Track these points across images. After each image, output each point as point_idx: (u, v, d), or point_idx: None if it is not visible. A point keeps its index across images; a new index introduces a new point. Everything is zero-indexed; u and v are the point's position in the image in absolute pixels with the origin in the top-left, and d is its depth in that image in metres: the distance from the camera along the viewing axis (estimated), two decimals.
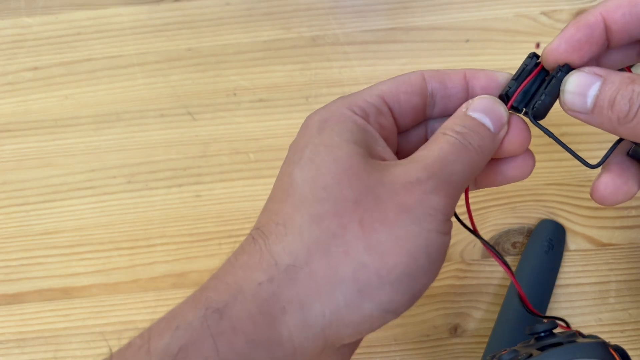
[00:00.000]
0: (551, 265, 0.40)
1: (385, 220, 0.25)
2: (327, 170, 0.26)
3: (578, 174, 0.43)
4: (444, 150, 0.27)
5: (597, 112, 0.27)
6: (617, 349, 0.28)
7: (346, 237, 0.24)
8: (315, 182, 0.25)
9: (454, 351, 0.39)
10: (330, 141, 0.27)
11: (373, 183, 0.25)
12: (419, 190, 0.25)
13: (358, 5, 0.51)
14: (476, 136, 0.27)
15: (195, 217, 0.43)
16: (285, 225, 0.25)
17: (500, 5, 0.50)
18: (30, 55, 0.50)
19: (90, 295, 0.41)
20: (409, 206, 0.25)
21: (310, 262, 0.24)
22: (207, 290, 0.25)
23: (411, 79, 0.29)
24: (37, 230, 0.44)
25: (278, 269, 0.24)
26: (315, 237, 0.24)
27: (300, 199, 0.25)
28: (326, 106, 0.29)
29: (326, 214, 0.25)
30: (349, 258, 0.24)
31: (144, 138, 0.46)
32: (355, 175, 0.25)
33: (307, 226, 0.25)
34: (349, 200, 0.25)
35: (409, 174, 0.26)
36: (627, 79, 0.26)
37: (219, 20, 0.51)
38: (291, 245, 0.25)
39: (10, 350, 0.40)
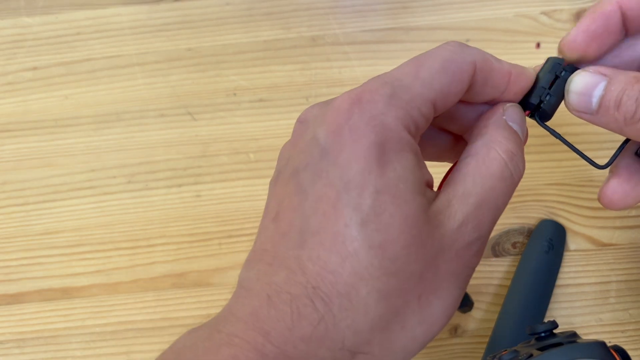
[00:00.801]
0: (551, 265, 0.40)
1: (439, 292, 0.25)
2: (396, 236, 0.23)
3: (578, 174, 0.43)
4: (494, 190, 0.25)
5: (602, 113, 0.26)
6: (617, 349, 0.28)
7: (406, 313, 0.24)
8: (385, 251, 0.22)
9: (454, 351, 0.39)
10: (396, 191, 0.23)
11: (435, 251, 0.24)
12: (468, 255, 0.25)
13: (358, 5, 0.51)
14: (518, 160, 0.26)
15: (195, 217, 0.43)
16: (350, 297, 0.22)
17: (500, 5, 0.50)
18: (30, 55, 0.50)
19: (90, 295, 0.41)
20: (458, 273, 0.25)
21: (372, 341, 0.24)
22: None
23: (463, 75, 0.26)
24: (37, 230, 0.43)
25: (343, 352, 0.23)
26: (380, 316, 0.23)
27: (366, 267, 0.22)
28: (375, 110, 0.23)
29: (393, 290, 0.23)
30: (404, 333, 0.24)
31: (144, 138, 0.46)
32: (422, 243, 0.23)
33: (373, 303, 0.23)
34: (414, 275, 0.24)
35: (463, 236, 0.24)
36: (633, 78, 0.26)
37: (219, 20, 0.51)
38: (357, 324, 0.23)
39: (10, 351, 0.40)
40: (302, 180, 0.24)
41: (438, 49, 0.26)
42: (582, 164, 0.42)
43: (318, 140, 0.24)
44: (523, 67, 0.28)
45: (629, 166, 0.29)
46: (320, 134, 0.24)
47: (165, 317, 0.41)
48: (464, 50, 0.26)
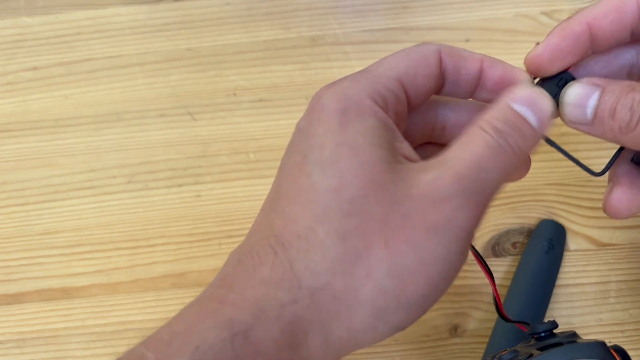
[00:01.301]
0: (551, 265, 0.40)
1: (411, 242, 0.23)
2: (352, 179, 0.24)
3: (578, 174, 0.43)
4: (479, 154, 0.24)
5: (598, 123, 0.26)
6: (617, 349, 0.28)
7: (370, 259, 0.23)
8: (341, 193, 0.24)
9: (454, 351, 0.39)
10: (354, 142, 0.24)
11: (401, 197, 0.24)
12: (449, 208, 0.24)
13: (358, 5, 0.51)
14: (517, 135, 0.25)
15: (195, 217, 0.43)
16: (308, 239, 0.23)
17: (500, 5, 0.50)
18: (30, 55, 0.50)
19: (90, 295, 0.41)
20: (438, 227, 0.24)
21: (333, 284, 0.23)
22: (226, 306, 0.23)
23: (428, 59, 0.27)
24: (37, 230, 0.43)
25: (302, 292, 0.23)
26: (339, 257, 0.23)
27: (324, 210, 0.24)
28: (341, 86, 0.26)
29: (352, 231, 0.23)
30: (371, 281, 0.23)
31: (144, 138, 0.46)
32: (382, 187, 0.24)
33: (331, 244, 0.23)
34: (376, 217, 0.23)
35: (439, 186, 0.24)
36: (626, 87, 0.26)
37: (219, 20, 0.51)
38: (314, 264, 0.23)
39: (10, 351, 0.40)
40: (282, 161, 0.26)
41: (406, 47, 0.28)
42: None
43: (298, 126, 0.27)
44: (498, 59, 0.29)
45: (629, 173, 0.29)
46: (300, 122, 0.26)
47: (165, 317, 0.40)
48: (428, 43, 0.28)
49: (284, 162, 0.26)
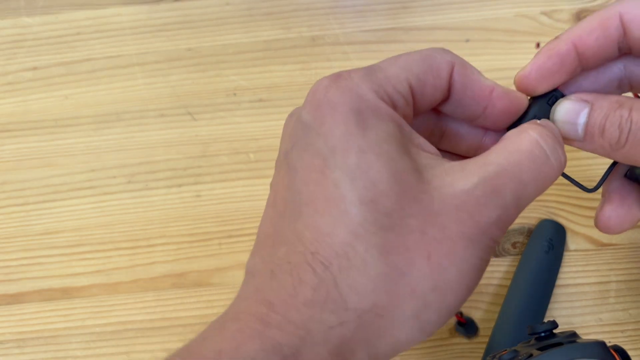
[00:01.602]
0: (551, 265, 0.40)
1: (452, 256, 0.23)
2: (387, 190, 0.23)
3: (578, 174, 0.43)
4: (520, 165, 0.24)
5: (589, 140, 0.26)
6: (617, 349, 0.28)
7: (414, 275, 0.23)
8: (377, 205, 0.22)
9: (454, 351, 0.39)
10: (379, 150, 0.23)
11: (437, 208, 0.23)
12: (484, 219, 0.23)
13: (358, 5, 0.51)
14: (560, 149, 0.25)
15: (195, 217, 0.43)
16: (348, 256, 0.22)
17: (500, 5, 0.50)
18: (30, 55, 0.50)
19: (90, 295, 0.41)
20: (474, 238, 0.23)
21: (378, 303, 0.23)
22: (272, 329, 0.22)
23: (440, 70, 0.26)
24: (37, 230, 0.43)
25: (348, 313, 0.23)
26: (382, 275, 0.23)
27: (361, 224, 0.22)
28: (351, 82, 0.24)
29: (393, 246, 0.23)
30: (415, 297, 0.23)
31: (144, 138, 0.46)
32: (415, 198, 0.23)
33: (373, 261, 0.22)
34: (415, 230, 0.23)
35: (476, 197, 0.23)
36: (615, 103, 0.26)
37: (219, 20, 0.51)
38: (358, 284, 0.22)
39: (10, 350, 0.40)
40: (291, 159, 0.25)
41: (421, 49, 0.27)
42: (582, 164, 0.42)
43: (301, 119, 0.25)
44: (511, 90, 0.28)
45: (620, 189, 0.29)
46: (303, 114, 0.25)
47: (165, 317, 0.41)
48: (444, 51, 0.27)
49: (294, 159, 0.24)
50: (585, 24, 0.27)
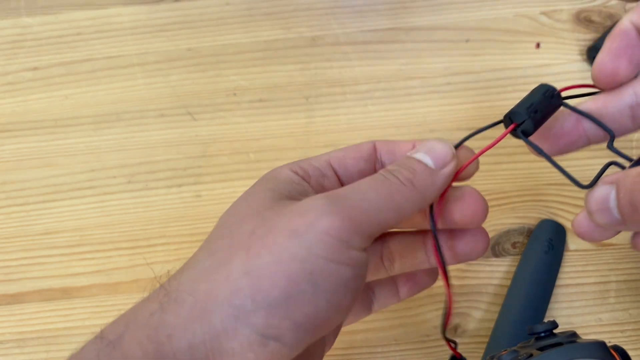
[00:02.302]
0: (551, 265, 0.40)
1: (271, 246, 0.24)
2: (235, 214, 0.27)
3: (578, 174, 0.43)
4: (361, 183, 0.27)
5: (626, 217, 0.26)
6: (617, 349, 0.28)
7: (232, 265, 0.24)
8: (223, 224, 0.27)
9: None
10: (251, 191, 0.28)
11: (272, 215, 0.25)
12: (313, 214, 0.24)
13: (358, 5, 0.51)
14: (406, 171, 0.27)
15: (195, 217, 0.43)
16: (188, 264, 0.26)
17: (500, 5, 0.50)
18: (30, 55, 0.50)
19: (90, 295, 0.41)
20: (299, 230, 0.24)
21: (196, 290, 0.24)
22: (106, 327, 0.26)
23: (360, 146, 0.30)
24: (37, 230, 0.44)
25: (168, 298, 0.25)
26: (205, 268, 0.25)
27: (207, 240, 0.27)
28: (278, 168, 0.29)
29: (221, 247, 0.25)
30: (228, 283, 0.24)
31: (144, 138, 0.46)
32: (258, 212, 0.26)
33: (202, 260, 0.26)
34: (245, 232, 0.25)
35: (310, 202, 0.25)
36: (637, 177, 0.26)
37: (219, 20, 0.51)
38: (184, 277, 0.25)
39: (10, 350, 0.40)
40: None
41: None
42: (581, 163, 0.42)
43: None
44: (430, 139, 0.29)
45: None
46: None
47: None
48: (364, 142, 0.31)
49: None
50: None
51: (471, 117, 0.46)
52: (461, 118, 0.46)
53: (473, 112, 0.46)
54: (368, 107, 0.47)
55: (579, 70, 0.48)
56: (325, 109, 0.47)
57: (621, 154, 0.29)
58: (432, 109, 0.46)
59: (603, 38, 0.48)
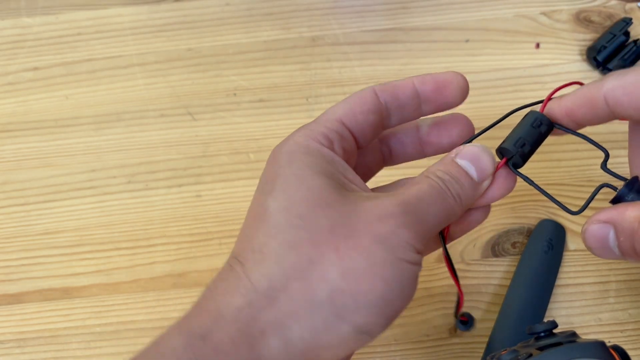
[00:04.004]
0: (551, 265, 0.40)
1: (360, 248, 0.25)
2: (300, 200, 0.26)
3: (578, 174, 0.43)
4: (422, 191, 0.27)
5: (629, 257, 0.27)
6: (616, 349, 0.28)
7: (323, 263, 0.25)
8: (290, 211, 0.26)
9: (454, 351, 0.39)
10: (301, 172, 0.27)
11: (347, 213, 0.26)
12: (393, 223, 0.26)
13: (358, 6, 0.51)
14: (457, 184, 0.28)
15: (195, 217, 0.43)
16: (262, 251, 0.26)
17: (500, 6, 0.50)
18: (31, 56, 0.50)
19: (91, 295, 0.41)
20: (383, 236, 0.26)
21: (288, 286, 0.25)
22: (189, 318, 0.26)
23: (364, 97, 0.30)
24: (37, 230, 0.44)
25: (257, 294, 0.25)
26: (292, 262, 0.25)
27: (275, 225, 0.26)
28: (289, 138, 0.29)
29: (302, 240, 0.25)
30: (326, 283, 0.25)
31: (144, 138, 0.46)
32: (328, 205, 0.26)
33: (284, 252, 0.25)
34: (324, 228, 0.26)
35: (383, 207, 0.26)
36: (634, 222, 0.27)
37: (219, 20, 0.51)
38: (269, 270, 0.25)
39: (10, 350, 0.40)
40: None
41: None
42: (581, 164, 0.42)
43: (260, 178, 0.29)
44: (428, 73, 0.31)
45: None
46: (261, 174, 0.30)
47: (166, 317, 0.41)
48: (363, 90, 0.31)
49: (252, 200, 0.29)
50: (577, 96, 0.29)
51: (471, 117, 0.46)
52: None
53: (473, 112, 0.46)
54: None
55: (579, 71, 0.48)
56: (325, 109, 0.47)
57: (615, 174, 0.29)
58: None
59: (603, 38, 0.48)
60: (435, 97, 0.31)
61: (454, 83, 0.31)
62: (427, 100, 0.31)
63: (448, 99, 0.31)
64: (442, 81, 0.31)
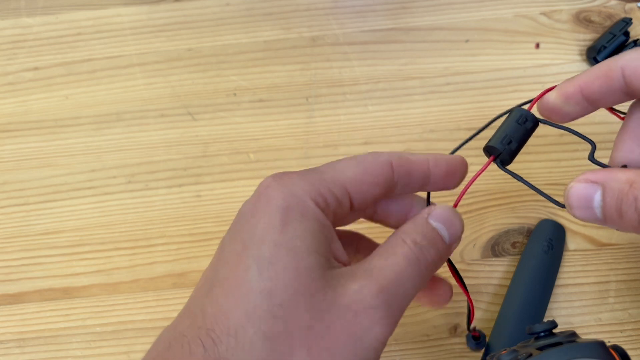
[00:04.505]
0: (551, 265, 0.40)
1: (331, 350, 0.25)
2: (286, 286, 0.25)
3: (577, 174, 0.43)
4: (400, 267, 0.27)
5: (610, 222, 0.27)
6: (616, 349, 0.28)
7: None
8: (273, 296, 0.25)
9: (454, 351, 0.39)
10: (292, 245, 0.26)
11: (328, 306, 0.25)
12: (369, 319, 0.25)
13: (358, 6, 0.51)
14: (433, 250, 0.28)
15: (195, 217, 0.43)
16: (237, 337, 0.25)
17: (500, 5, 0.50)
18: (31, 56, 0.50)
19: (91, 295, 0.41)
20: (357, 336, 0.25)
21: None
22: None
23: (379, 169, 0.29)
24: (37, 230, 0.44)
25: None
26: (263, 356, 0.24)
27: (254, 308, 0.25)
28: (290, 180, 0.28)
29: (278, 334, 0.25)
30: None
31: (144, 138, 0.46)
32: (311, 295, 0.25)
33: (258, 344, 0.25)
34: (302, 323, 0.25)
35: (363, 299, 0.26)
36: (625, 184, 0.26)
37: (219, 20, 0.51)
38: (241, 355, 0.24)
39: (10, 350, 0.40)
40: (224, 240, 0.28)
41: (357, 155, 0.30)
42: (581, 163, 0.42)
43: (242, 207, 0.28)
44: (441, 154, 0.31)
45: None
46: (245, 203, 0.28)
47: (166, 317, 0.41)
48: (380, 153, 0.30)
49: (224, 243, 0.28)
50: (592, 71, 0.29)
51: (471, 117, 0.46)
52: (461, 118, 0.46)
53: (473, 112, 0.46)
54: (368, 108, 0.47)
55: (579, 71, 0.48)
56: (325, 109, 0.47)
57: (602, 164, 0.29)
58: (431, 109, 0.46)
59: (603, 38, 0.48)
60: (442, 181, 0.31)
61: (460, 171, 0.31)
62: (435, 182, 0.31)
63: (450, 185, 0.31)
64: (453, 167, 0.31)
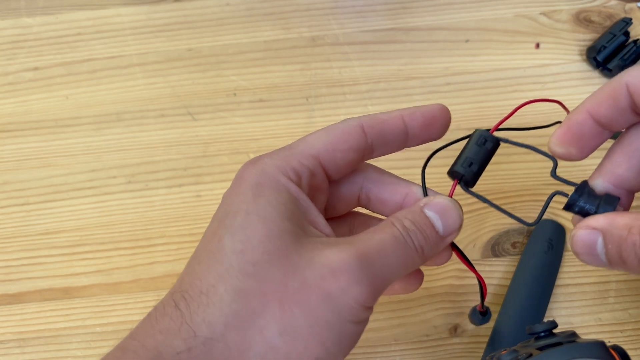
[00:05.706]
0: (551, 265, 0.40)
1: (305, 305, 0.25)
2: (258, 244, 0.26)
3: (577, 174, 0.43)
4: (383, 241, 0.27)
5: (615, 266, 0.27)
6: (616, 349, 0.28)
7: (264, 316, 0.25)
8: (245, 255, 0.26)
9: (454, 351, 0.39)
10: (264, 212, 0.26)
11: (302, 264, 0.25)
12: (346, 279, 0.25)
13: (358, 6, 0.51)
14: (421, 236, 0.28)
15: (195, 217, 0.43)
16: (208, 294, 0.25)
17: (500, 6, 0.50)
18: (31, 56, 0.50)
19: (91, 295, 0.41)
20: (332, 294, 0.25)
21: (226, 336, 0.25)
22: (128, 353, 0.25)
23: (349, 134, 0.29)
24: (37, 230, 0.44)
25: (196, 341, 0.25)
26: (235, 312, 0.25)
27: (227, 269, 0.25)
28: (262, 162, 0.28)
29: (250, 290, 0.25)
30: (262, 338, 0.25)
31: (144, 138, 0.46)
32: (285, 255, 0.26)
33: (229, 299, 0.25)
34: (275, 280, 0.25)
35: (339, 259, 0.25)
36: (624, 230, 0.26)
37: (219, 20, 0.51)
38: (211, 317, 0.25)
39: (10, 350, 0.40)
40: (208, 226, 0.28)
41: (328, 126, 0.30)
42: (581, 163, 0.42)
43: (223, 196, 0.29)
44: (415, 106, 0.31)
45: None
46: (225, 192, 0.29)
47: None
48: (350, 119, 0.30)
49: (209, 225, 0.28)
50: (598, 94, 0.28)
51: (471, 117, 0.46)
52: (461, 118, 0.46)
53: (473, 112, 0.47)
54: (368, 107, 0.47)
55: (579, 71, 0.48)
56: (325, 109, 0.47)
57: (565, 180, 0.29)
58: None
59: (603, 38, 0.48)
60: (422, 133, 0.31)
61: (440, 119, 0.31)
62: (414, 136, 0.30)
63: (433, 135, 0.31)
64: (430, 117, 0.30)
